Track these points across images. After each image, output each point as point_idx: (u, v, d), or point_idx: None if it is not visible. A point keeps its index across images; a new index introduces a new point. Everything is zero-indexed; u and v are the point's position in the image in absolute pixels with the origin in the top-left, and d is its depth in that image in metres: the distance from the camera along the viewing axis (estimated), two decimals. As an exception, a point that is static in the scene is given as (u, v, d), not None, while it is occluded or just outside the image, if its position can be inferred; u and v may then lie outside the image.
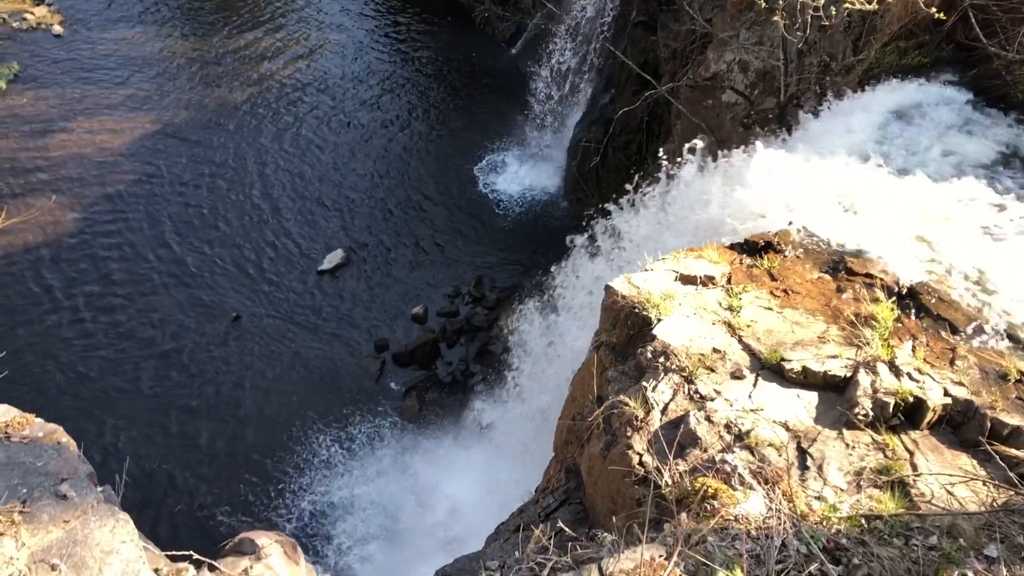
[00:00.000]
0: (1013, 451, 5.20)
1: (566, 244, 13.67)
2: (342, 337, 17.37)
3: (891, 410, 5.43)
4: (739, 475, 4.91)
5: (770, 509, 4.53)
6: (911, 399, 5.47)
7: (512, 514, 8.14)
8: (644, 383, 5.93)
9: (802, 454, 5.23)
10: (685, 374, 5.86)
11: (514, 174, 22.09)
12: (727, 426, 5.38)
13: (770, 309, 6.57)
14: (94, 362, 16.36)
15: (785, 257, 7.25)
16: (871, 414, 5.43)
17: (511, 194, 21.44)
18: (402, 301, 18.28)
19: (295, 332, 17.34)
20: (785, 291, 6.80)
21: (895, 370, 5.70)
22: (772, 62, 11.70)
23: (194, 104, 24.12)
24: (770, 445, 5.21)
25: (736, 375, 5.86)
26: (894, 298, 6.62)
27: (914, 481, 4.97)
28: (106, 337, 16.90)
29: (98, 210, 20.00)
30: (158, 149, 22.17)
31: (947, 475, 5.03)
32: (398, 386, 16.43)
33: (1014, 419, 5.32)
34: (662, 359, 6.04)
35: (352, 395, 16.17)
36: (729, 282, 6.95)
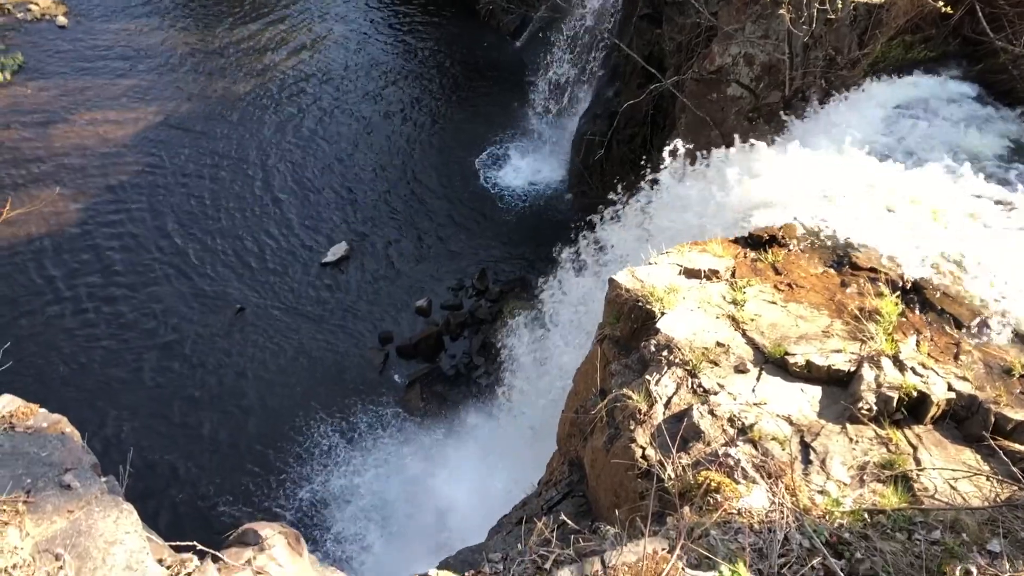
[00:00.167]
0: (1017, 446, 5.20)
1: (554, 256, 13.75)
2: (346, 329, 17.37)
3: (895, 405, 5.42)
4: (742, 469, 4.91)
5: (773, 503, 4.53)
6: (915, 394, 5.46)
7: (515, 506, 8.15)
8: (647, 376, 5.93)
9: (805, 448, 5.23)
10: (689, 368, 5.86)
11: (518, 167, 22.00)
12: (730, 420, 5.38)
13: (774, 303, 6.55)
14: (96, 352, 16.38)
15: (789, 251, 7.23)
16: (875, 408, 5.42)
17: (515, 187, 21.37)
18: (406, 293, 18.26)
19: (299, 324, 17.34)
20: (789, 285, 6.79)
21: (899, 365, 5.68)
22: (777, 56, 11.65)
23: (197, 95, 24.09)
24: (773, 439, 5.21)
25: (740, 369, 5.85)
26: (898, 293, 6.60)
27: (917, 476, 4.97)
28: (108, 328, 16.92)
29: (101, 201, 20.00)
30: (161, 140, 22.16)
31: (950, 470, 5.03)
32: (402, 379, 16.44)
33: (1018, 414, 5.31)
34: (666, 353, 6.04)
35: (356, 387, 16.17)
36: (733, 276, 6.94)
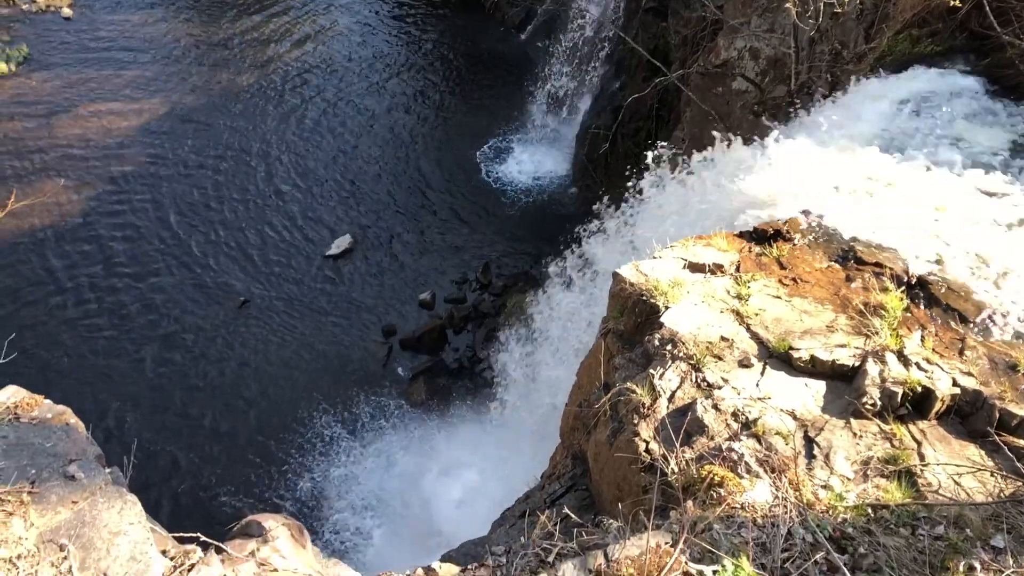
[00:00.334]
0: (1021, 442, 5.18)
1: (546, 269, 13.89)
2: (350, 321, 17.39)
3: (899, 400, 5.41)
4: (746, 463, 4.90)
5: (776, 497, 4.52)
6: (919, 389, 5.44)
7: (518, 499, 8.16)
8: (651, 370, 5.92)
9: (809, 443, 5.22)
10: (692, 362, 5.85)
11: (522, 160, 21.96)
12: (734, 414, 5.37)
13: (779, 298, 6.53)
14: (99, 343, 16.42)
15: (794, 245, 7.20)
16: (879, 404, 5.41)
17: (519, 180, 21.34)
18: (409, 287, 18.27)
19: (302, 316, 17.36)
20: (794, 280, 6.77)
21: (904, 360, 5.67)
22: (783, 49, 11.60)
23: (200, 87, 24.07)
24: (777, 434, 5.20)
25: (744, 363, 5.84)
26: (903, 287, 6.57)
27: (921, 471, 4.95)
28: (111, 319, 16.96)
29: (104, 192, 20.02)
30: (164, 132, 22.16)
31: (955, 465, 5.02)
32: (405, 371, 16.46)
33: (1023, 410, 5.30)
34: (669, 347, 6.02)
35: (359, 379, 16.20)
36: (738, 270, 6.92)
